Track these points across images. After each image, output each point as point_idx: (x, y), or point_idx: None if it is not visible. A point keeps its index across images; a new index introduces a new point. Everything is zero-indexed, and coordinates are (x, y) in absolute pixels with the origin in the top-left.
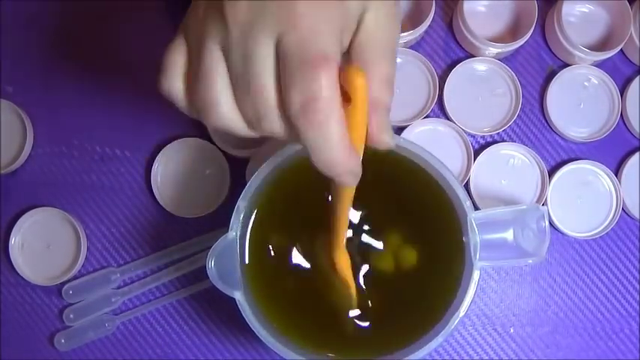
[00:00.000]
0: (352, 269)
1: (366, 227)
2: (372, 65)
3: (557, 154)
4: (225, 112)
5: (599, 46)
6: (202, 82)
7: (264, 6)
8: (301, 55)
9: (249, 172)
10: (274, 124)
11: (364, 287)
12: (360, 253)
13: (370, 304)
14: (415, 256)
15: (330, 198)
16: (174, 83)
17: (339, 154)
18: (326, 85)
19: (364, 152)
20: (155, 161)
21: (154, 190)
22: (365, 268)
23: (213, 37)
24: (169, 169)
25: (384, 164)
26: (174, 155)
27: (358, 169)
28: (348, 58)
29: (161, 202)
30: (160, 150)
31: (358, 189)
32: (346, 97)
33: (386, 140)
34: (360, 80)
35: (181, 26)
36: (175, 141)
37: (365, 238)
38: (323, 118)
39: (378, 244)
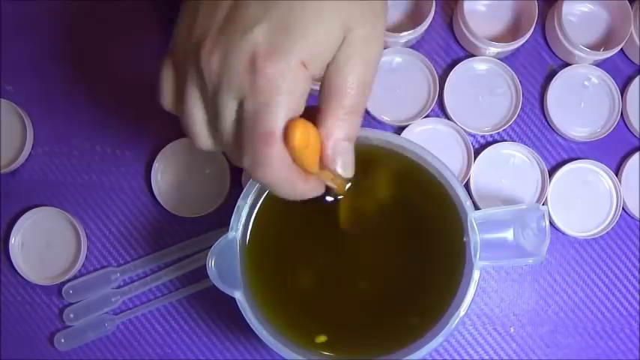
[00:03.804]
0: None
1: (365, 227)
2: (336, 96)
3: (557, 154)
4: (204, 141)
5: (600, 45)
6: (186, 117)
7: (231, 69)
8: (253, 127)
9: (245, 178)
10: (238, 161)
11: (365, 286)
12: (358, 253)
13: (370, 304)
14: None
15: (327, 197)
16: (167, 103)
17: (291, 196)
18: (271, 156)
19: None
20: (155, 161)
21: (154, 190)
22: (365, 268)
23: (192, 79)
24: (169, 168)
25: (384, 164)
26: (174, 155)
27: (313, 193)
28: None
29: (161, 202)
30: (160, 150)
31: (358, 188)
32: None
33: (339, 171)
34: (296, 135)
35: (169, 49)
36: (175, 141)
37: (363, 237)
38: (268, 180)
39: (376, 242)
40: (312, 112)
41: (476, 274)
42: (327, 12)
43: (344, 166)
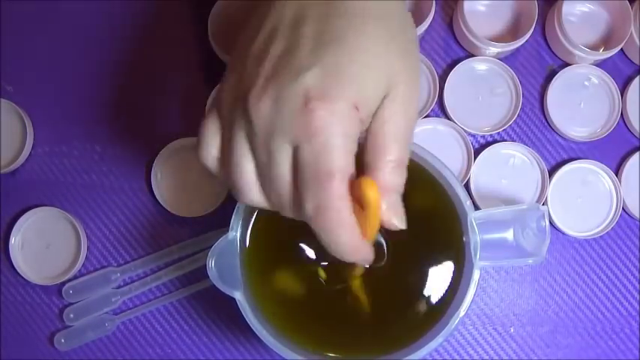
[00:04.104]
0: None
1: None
2: (384, 150)
3: (557, 154)
4: (253, 196)
5: (600, 45)
6: (233, 169)
7: (283, 113)
8: (314, 168)
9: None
10: (292, 215)
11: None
12: None
13: (370, 304)
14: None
15: None
16: (211, 157)
17: (348, 250)
18: (335, 197)
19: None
20: (155, 161)
21: (154, 190)
22: (365, 268)
23: (241, 128)
24: (169, 168)
25: None
26: (175, 155)
27: (368, 258)
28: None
29: (161, 202)
30: (160, 150)
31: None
32: (359, 201)
33: (395, 224)
34: (371, 193)
35: (214, 100)
36: (175, 141)
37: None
38: (332, 226)
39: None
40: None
41: (476, 274)
42: (374, 61)
43: (400, 219)
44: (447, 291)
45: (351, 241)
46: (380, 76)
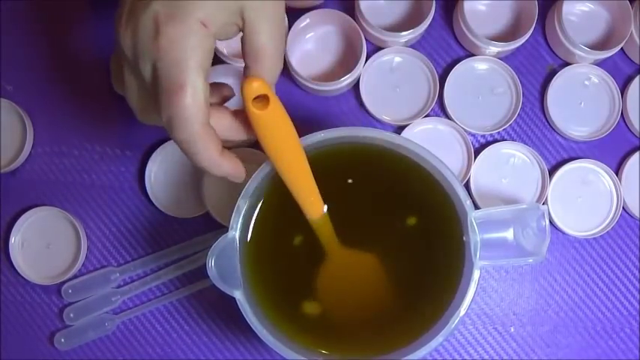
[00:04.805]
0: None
1: (364, 226)
2: (254, 60)
3: (557, 153)
4: (141, 114)
5: (600, 44)
6: (126, 94)
7: (142, 39)
8: (166, 82)
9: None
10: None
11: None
12: (358, 252)
13: (370, 304)
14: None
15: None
16: (116, 87)
17: (206, 163)
18: (184, 107)
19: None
20: (150, 161)
21: (147, 190)
22: (365, 267)
23: (124, 60)
24: (169, 168)
25: (384, 163)
26: (172, 154)
27: (233, 173)
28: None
29: (156, 204)
30: (156, 150)
31: (358, 188)
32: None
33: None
34: (245, 89)
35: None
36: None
37: (363, 236)
38: (185, 137)
39: (376, 242)
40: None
41: (476, 274)
42: None
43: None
44: (446, 290)
45: (207, 153)
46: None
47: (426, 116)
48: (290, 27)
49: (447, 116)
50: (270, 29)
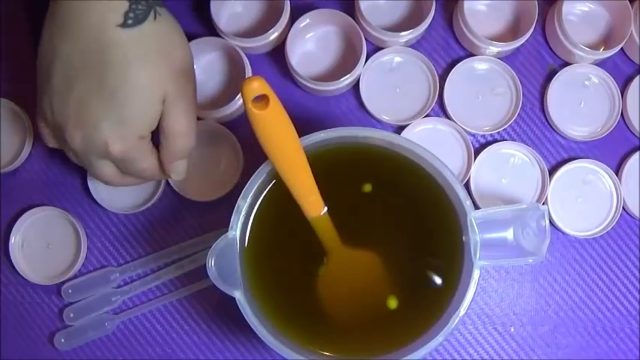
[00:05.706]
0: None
1: (364, 226)
2: (166, 141)
3: (557, 153)
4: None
5: (600, 44)
6: (67, 154)
7: (93, 147)
8: (131, 170)
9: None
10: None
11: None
12: (358, 252)
13: (370, 304)
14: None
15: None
16: (51, 145)
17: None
18: (147, 171)
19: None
20: None
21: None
22: (365, 267)
23: (65, 144)
24: None
25: (384, 163)
26: None
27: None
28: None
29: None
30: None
31: (358, 189)
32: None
33: (171, 176)
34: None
35: (38, 112)
36: None
37: (363, 236)
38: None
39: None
40: None
41: (476, 274)
42: (148, 98)
43: (178, 175)
44: (446, 290)
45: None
46: (154, 104)
47: (426, 116)
48: (290, 27)
49: (447, 116)
50: (182, 116)
